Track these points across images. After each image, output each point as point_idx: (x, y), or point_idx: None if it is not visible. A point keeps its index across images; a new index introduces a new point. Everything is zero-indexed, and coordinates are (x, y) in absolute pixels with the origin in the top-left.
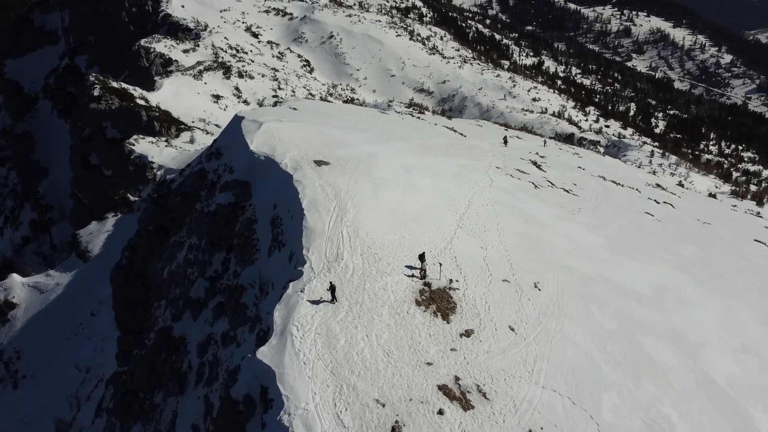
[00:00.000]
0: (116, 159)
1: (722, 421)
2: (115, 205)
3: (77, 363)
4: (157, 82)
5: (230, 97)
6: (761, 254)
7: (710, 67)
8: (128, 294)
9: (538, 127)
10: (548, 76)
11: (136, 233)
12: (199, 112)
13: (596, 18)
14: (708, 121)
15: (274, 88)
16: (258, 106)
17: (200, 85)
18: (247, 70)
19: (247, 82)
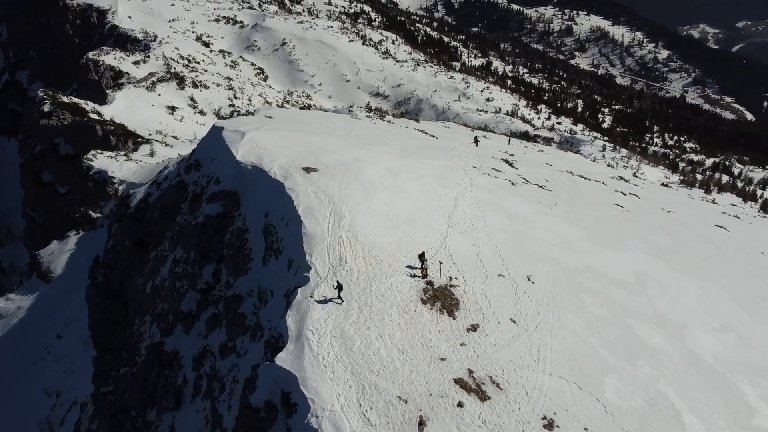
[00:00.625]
0: (73, 175)
1: (715, 396)
2: (76, 223)
3: (46, 387)
4: (109, 95)
5: (186, 108)
6: (723, 238)
7: (649, 63)
8: (106, 312)
9: (493, 127)
10: (498, 77)
11: (111, 250)
12: (155, 124)
13: (539, 18)
14: (650, 115)
15: (230, 97)
16: (215, 116)
17: (154, 96)
18: (202, 80)
19: (202, 92)
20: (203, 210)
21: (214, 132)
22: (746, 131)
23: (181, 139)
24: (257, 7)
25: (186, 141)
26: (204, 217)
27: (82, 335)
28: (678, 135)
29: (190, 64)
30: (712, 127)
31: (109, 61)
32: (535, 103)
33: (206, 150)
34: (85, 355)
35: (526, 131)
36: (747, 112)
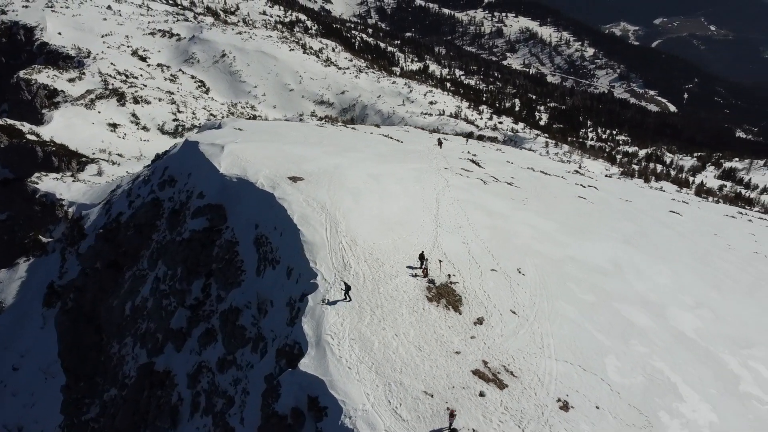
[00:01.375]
0: (16, 200)
1: (703, 367)
2: (25, 249)
3: (5, 423)
4: (45, 114)
5: (128, 125)
6: (679, 223)
7: (576, 61)
8: (78, 338)
9: (439, 129)
10: (437, 80)
11: (81, 273)
12: (97, 142)
13: (470, 21)
14: (583, 110)
15: (174, 111)
16: (159, 131)
17: (94, 114)
18: (143, 96)
19: (144, 108)
20: (188, 225)
21: (188, 146)
22: (671, 122)
23: (126, 156)
24: (192, 19)
25: (132, 158)
26: (189, 233)
27: (42, 366)
28: (610, 128)
29: (128, 80)
30: (640, 119)
31: (42, 80)
32: (476, 104)
33: (181, 165)
34: (47, 386)
35: (471, 132)
36: (670, 104)
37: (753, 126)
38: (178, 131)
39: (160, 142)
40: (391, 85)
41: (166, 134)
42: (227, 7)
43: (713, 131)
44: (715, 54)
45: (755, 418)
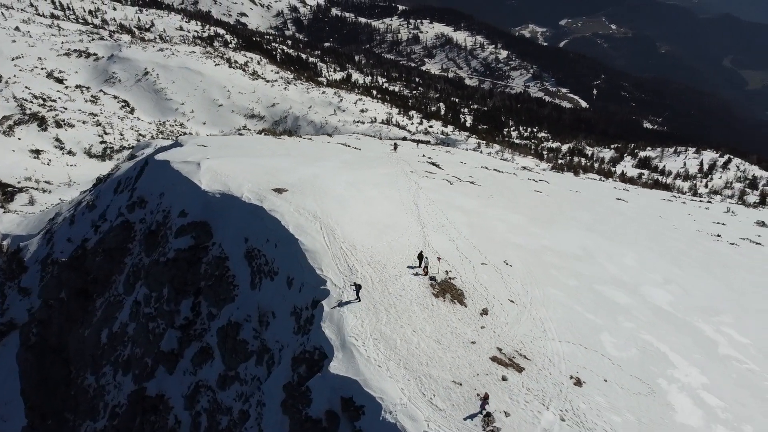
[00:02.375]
0: None
1: (684, 336)
2: None
3: None
4: None
5: (52, 150)
6: (627, 209)
7: (492, 63)
8: (45, 373)
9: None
10: (364, 88)
11: (42, 306)
12: (20, 171)
13: (386, 29)
14: (504, 111)
15: (100, 133)
16: (86, 155)
17: (14, 141)
18: (65, 119)
19: (68, 132)
20: (171, 245)
21: (157, 166)
22: (584, 117)
23: (55, 183)
24: (109, 38)
25: (62, 185)
26: (174, 252)
27: None
28: (530, 126)
29: (46, 103)
30: (556, 116)
31: None
32: (405, 109)
33: (150, 185)
34: None
35: (404, 137)
36: (581, 101)
37: (657, 117)
38: (106, 154)
39: (89, 166)
40: (321, 95)
41: (94, 157)
42: (141, 24)
43: (623, 123)
44: (618, 51)
45: (738, 376)
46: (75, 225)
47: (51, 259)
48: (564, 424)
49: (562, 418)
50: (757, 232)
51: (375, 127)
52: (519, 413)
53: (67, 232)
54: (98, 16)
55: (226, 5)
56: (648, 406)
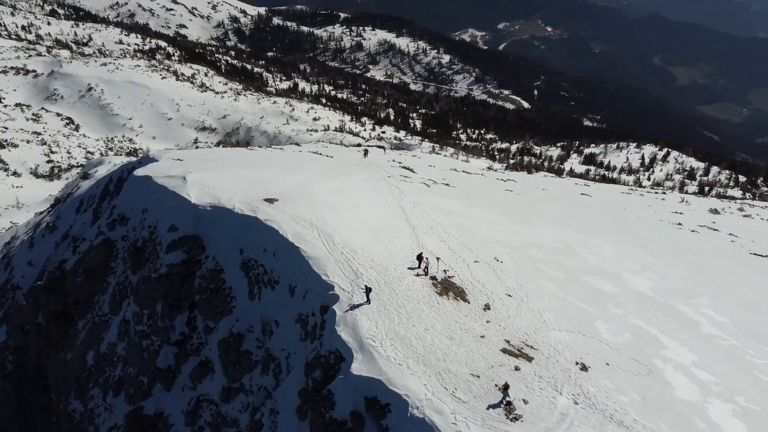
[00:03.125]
0: None
1: (669, 318)
2: None
3: None
4: None
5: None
6: (593, 203)
7: (435, 68)
8: (24, 401)
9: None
10: (313, 97)
11: (18, 331)
12: None
13: (329, 37)
14: (451, 114)
15: (46, 152)
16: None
17: None
18: (7, 139)
19: (11, 152)
20: (163, 260)
21: (138, 182)
22: (528, 117)
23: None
24: (47, 53)
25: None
26: (167, 267)
27: None
28: (477, 128)
29: None
30: (501, 117)
31: None
32: (357, 116)
33: (131, 202)
34: None
35: (359, 143)
36: (523, 101)
37: (596, 114)
38: (54, 173)
39: (36, 187)
40: (273, 105)
41: (41, 177)
42: (79, 39)
43: (565, 122)
44: (555, 52)
45: (723, 352)
46: (35, 248)
47: (11, 285)
48: (578, 407)
49: (576, 401)
50: (712, 219)
51: (329, 134)
52: (536, 400)
53: (26, 255)
54: (32, 32)
55: (164, 17)
56: (649, 386)
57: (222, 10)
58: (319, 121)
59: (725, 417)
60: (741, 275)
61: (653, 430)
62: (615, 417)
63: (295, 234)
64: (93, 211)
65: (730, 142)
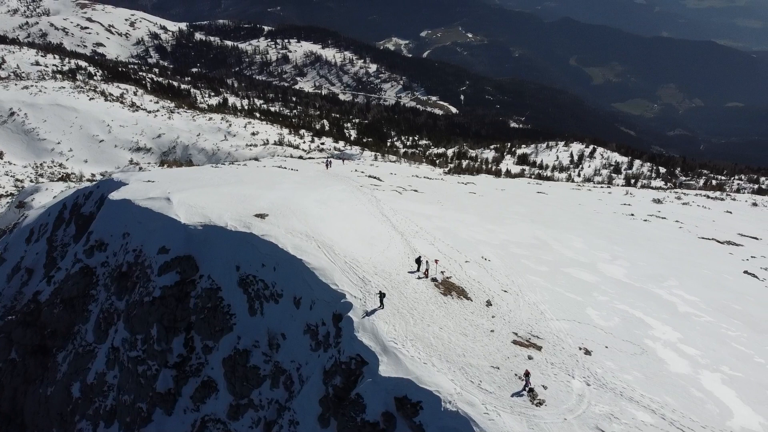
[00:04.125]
0: None
1: (648, 301)
2: None
3: None
4: None
5: None
6: (552, 201)
7: (363, 77)
8: None
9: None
10: (246, 111)
11: None
12: None
13: (254, 51)
14: (384, 122)
15: None
16: None
17: None
18: None
19: None
20: (156, 283)
21: (115, 206)
22: (457, 122)
23: None
24: None
25: None
26: (161, 290)
27: None
28: (410, 135)
29: None
30: (432, 123)
31: None
32: (296, 129)
33: (109, 226)
34: None
35: (300, 155)
36: (451, 107)
37: (521, 116)
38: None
39: None
40: (209, 122)
41: None
42: None
43: (493, 125)
44: (477, 58)
45: (701, 328)
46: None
47: None
48: (591, 388)
49: (587, 383)
50: (657, 209)
51: (269, 148)
52: (553, 385)
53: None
54: None
55: (79, 36)
56: (647, 364)
57: (141, 27)
58: (257, 136)
59: (716, 385)
60: (696, 257)
61: (659, 402)
62: (625, 394)
63: (295, 247)
64: (47, 240)
65: (645, 136)
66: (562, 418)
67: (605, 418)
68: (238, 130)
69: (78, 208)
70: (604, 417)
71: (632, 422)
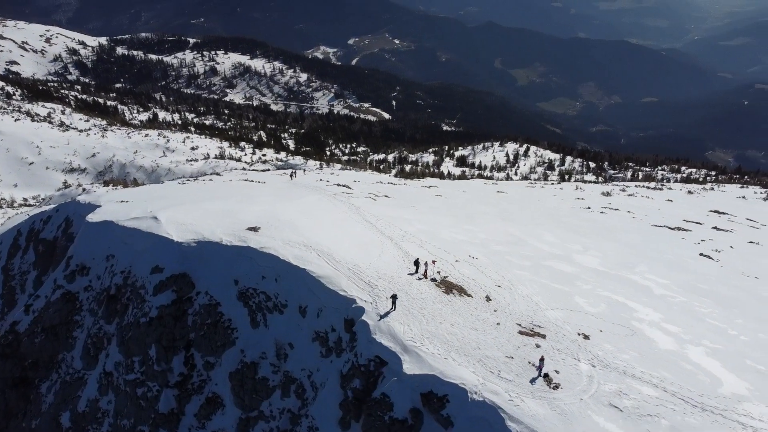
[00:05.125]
0: None
1: (626, 286)
2: None
3: None
4: None
5: None
6: (512, 200)
7: (294, 87)
8: None
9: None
10: (181, 125)
11: None
12: None
13: (181, 64)
14: (320, 131)
15: None
16: None
17: None
18: None
19: None
20: (152, 303)
21: (95, 228)
22: (392, 127)
23: None
24: None
25: None
26: (157, 310)
27: None
28: (347, 142)
29: None
30: (368, 130)
31: None
32: (236, 141)
33: (90, 250)
34: None
35: (243, 168)
36: (384, 113)
37: (452, 119)
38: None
39: None
40: (145, 138)
41: None
42: None
43: (426, 129)
44: (405, 63)
45: (678, 308)
46: None
47: None
48: (597, 369)
49: (593, 365)
50: (608, 201)
51: (210, 163)
52: (564, 369)
53: None
54: None
55: None
56: (639, 343)
57: (57, 43)
58: (197, 150)
59: (702, 357)
60: (656, 244)
61: (658, 377)
62: (627, 372)
63: (296, 257)
64: (2, 269)
65: (570, 133)
66: (578, 398)
67: (616, 395)
68: (177, 145)
69: (36, 233)
70: (614, 394)
71: (640, 397)
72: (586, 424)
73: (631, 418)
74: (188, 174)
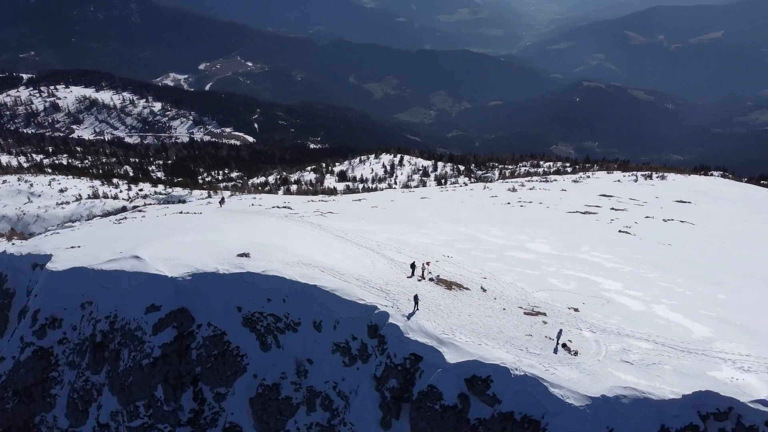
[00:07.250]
0: None
1: (582, 264)
2: None
3: None
4: None
5: None
6: (437, 202)
7: (148, 117)
8: None
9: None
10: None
11: None
12: None
13: (15, 102)
14: (189, 159)
15: None
16: None
17: None
18: None
19: None
20: (153, 343)
21: (65, 276)
22: (260, 150)
23: None
24: None
25: None
26: (160, 349)
27: None
28: (219, 169)
29: None
30: (236, 155)
31: None
32: (108, 179)
33: (61, 299)
34: None
35: (124, 206)
36: (247, 136)
37: (316, 137)
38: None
39: None
40: (4, 185)
41: None
42: None
43: (293, 148)
44: (261, 85)
45: (630, 277)
46: None
47: None
48: (597, 334)
49: (593, 331)
50: (518, 196)
51: (86, 204)
52: (574, 338)
53: None
54: None
55: None
56: (617, 309)
57: None
58: (67, 192)
59: (667, 312)
60: (581, 227)
61: (646, 333)
62: (621, 332)
63: (302, 275)
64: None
65: (429, 140)
66: (596, 360)
67: (623, 352)
68: (43, 189)
69: None
70: (621, 352)
71: (640, 351)
72: (610, 379)
73: (641, 368)
74: (60, 218)
